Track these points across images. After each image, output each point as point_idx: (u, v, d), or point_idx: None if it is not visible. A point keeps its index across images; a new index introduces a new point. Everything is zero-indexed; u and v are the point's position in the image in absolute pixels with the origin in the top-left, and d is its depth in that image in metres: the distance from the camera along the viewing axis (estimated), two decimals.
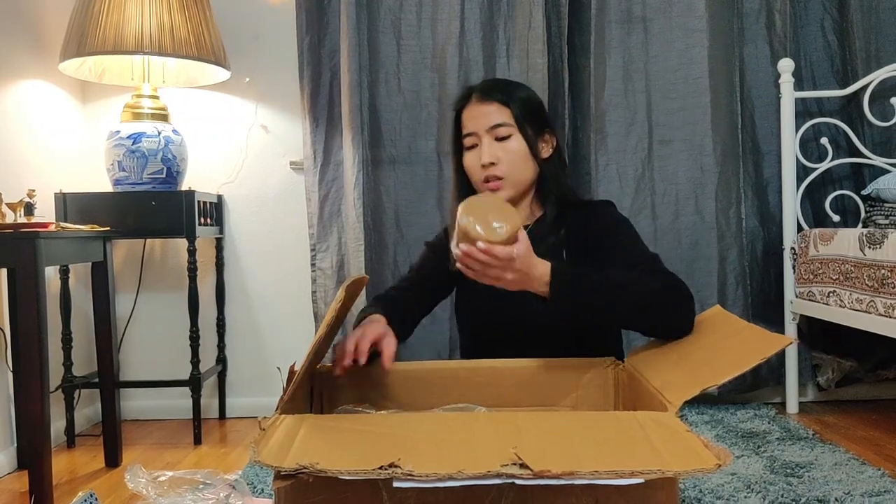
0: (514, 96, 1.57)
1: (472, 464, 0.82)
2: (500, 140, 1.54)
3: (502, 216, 1.22)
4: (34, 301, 1.91)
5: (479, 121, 1.55)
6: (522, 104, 1.56)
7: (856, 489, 1.89)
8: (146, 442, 2.61)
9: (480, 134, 1.55)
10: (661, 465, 0.83)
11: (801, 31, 2.85)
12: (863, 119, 2.73)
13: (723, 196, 2.76)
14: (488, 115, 1.54)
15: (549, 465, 0.81)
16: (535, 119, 1.58)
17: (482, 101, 1.56)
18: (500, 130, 1.53)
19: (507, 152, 1.54)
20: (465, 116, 1.59)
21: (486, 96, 1.56)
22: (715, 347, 1.25)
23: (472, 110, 1.57)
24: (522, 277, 1.25)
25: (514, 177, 1.55)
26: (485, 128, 1.54)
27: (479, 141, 1.55)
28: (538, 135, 1.58)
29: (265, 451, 0.89)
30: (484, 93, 1.57)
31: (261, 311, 2.95)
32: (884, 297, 2.15)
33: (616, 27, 2.79)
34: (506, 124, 1.54)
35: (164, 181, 2.57)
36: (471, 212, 1.21)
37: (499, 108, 1.54)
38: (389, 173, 2.82)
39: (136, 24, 2.40)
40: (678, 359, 1.26)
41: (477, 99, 1.57)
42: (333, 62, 2.81)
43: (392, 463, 0.82)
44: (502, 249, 1.19)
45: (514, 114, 1.54)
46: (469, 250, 1.19)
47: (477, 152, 1.55)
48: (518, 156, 1.54)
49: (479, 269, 1.22)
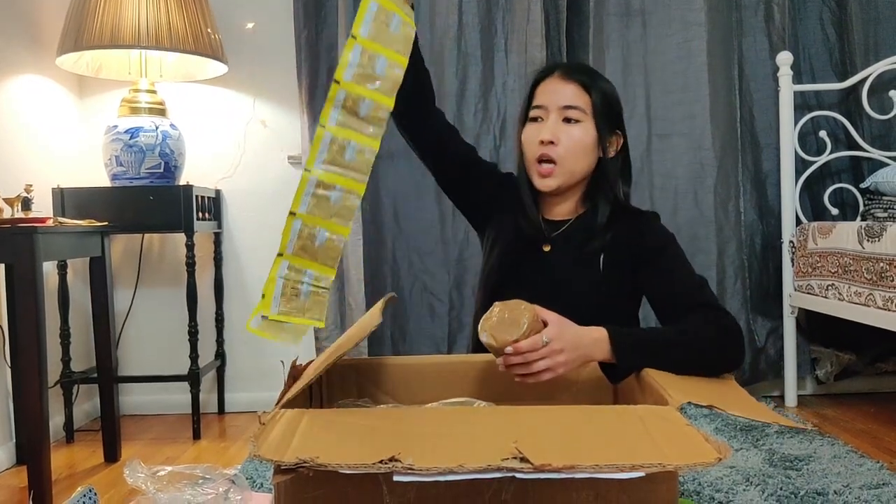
0: (597, 84, 1.49)
1: (473, 457, 0.82)
2: (568, 122, 1.46)
3: (516, 314, 1.21)
4: (32, 296, 1.90)
5: (553, 96, 1.47)
6: (603, 95, 1.48)
7: (854, 482, 1.89)
8: (145, 437, 2.61)
9: (550, 109, 1.46)
10: (662, 459, 0.82)
11: (800, 23, 2.85)
12: (861, 112, 2.73)
13: (721, 190, 2.76)
14: (564, 93, 1.46)
15: (550, 459, 0.81)
16: (609, 114, 1.50)
17: (563, 79, 1.47)
18: (572, 112, 1.45)
19: (571, 137, 1.45)
20: (541, 89, 1.50)
21: (569, 75, 1.47)
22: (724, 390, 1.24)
23: (549, 84, 1.49)
24: (577, 353, 1.22)
25: (568, 164, 1.47)
26: (557, 105, 1.46)
27: (546, 116, 1.47)
28: (609, 131, 1.50)
29: (265, 445, 0.89)
30: (567, 71, 1.48)
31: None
32: (882, 291, 2.15)
33: (615, 20, 2.79)
34: (579, 108, 1.45)
35: (162, 176, 2.56)
36: (485, 328, 1.22)
37: (578, 90, 1.46)
38: (388, 168, 2.81)
39: (133, 18, 2.39)
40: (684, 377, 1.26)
41: (559, 75, 1.48)
42: (331, 56, 2.80)
43: (393, 457, 0.82)
44: (527, 342, 1.18)
45: (593, 101, 1.46)
46: (505, 360, 1.19)
47: (539, 126, 1.47)
48: (580, 144, 1.46)
49: (526, 370, 1.20)
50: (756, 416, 1.05)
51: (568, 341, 1.21)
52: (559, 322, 1.22)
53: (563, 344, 1.20)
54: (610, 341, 1.25)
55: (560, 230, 1.55)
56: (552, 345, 1.19)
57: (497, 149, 2.78)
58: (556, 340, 1.19)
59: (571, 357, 1.22)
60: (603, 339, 1.25)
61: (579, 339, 1.23)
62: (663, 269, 1.47)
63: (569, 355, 1.21)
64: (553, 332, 1.19)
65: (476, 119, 2.78)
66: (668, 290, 1.45)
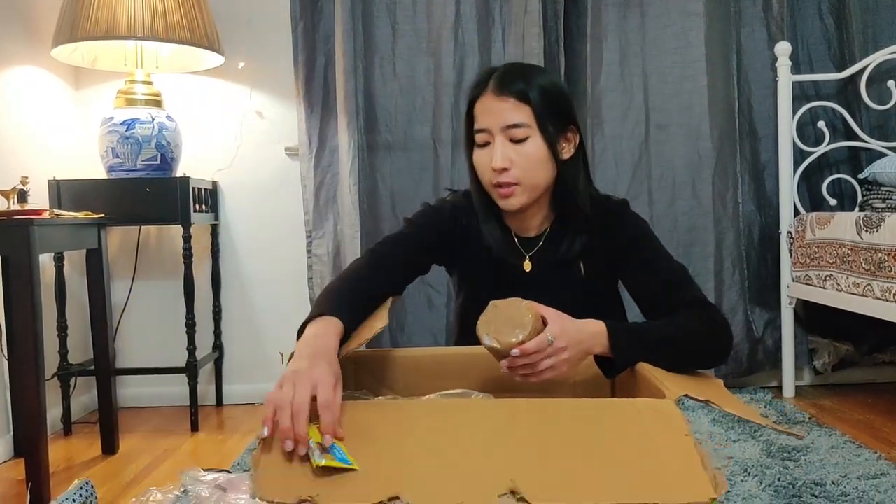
0: (534, 89, 1.38)
1: (471, 496, 0.82)
2: (516, 142, 1.38)
3: (517, 314, 1.18)
4: (29, 289, 1.90)
5: (493, 117, 1.39)
6: (544, 99, 1.39)
7: (852, 472, 1.89)
8: (143, 429, 2.61)
9: (494, 132, 1.39)
10: (657, 499, 0.83)
11: (799, 13, 2.84)
12: (860, 102, 2.73)
13: (720, 180, 2.75)
14: (503, 113, 1.38)
15: (546, 499, 0.81)
16: (557, 115, 1.41)
17: (498, 96, 1.38)
18: (517, 132, 1.38)
19: (522, 156, 1.38)
20: (479, 109, 1.42)
21: (503, 89, 1.38)
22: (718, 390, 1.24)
23: (486, 103, 1.40)
24: (579, 348, 1.21)
25: (528, 182, 1.40)
26: (499, 126, 1.38)
27: (492, 139, 1.39)
28: (560, 133, 1.43)
29: (265, 487, 0.89)
30: (501, 84, 1.39)
31: (257, 297, 2.94)
32: (880, 281, 2.14)
33: (613, 10, 2.77)
34: (523, 125, 1.38)
35: (159, 167, 2.56)
36: (487, 331, 1.18)
37: (516, 104, 1.38)
38: (385, 159, 2.81)
39: (128, 10, 2.38)
40: None
41: (493, 90, 1.39)
42: (328, 47, 2.79)
43: (391, 497, 0.82)
44: (533, 343, 1.16)
45: (535, 112, 1.38)
46: (510, 362, 1.17)
47: (489, 151, 1.40)
48: (534, 160, 1.39)
49: (532, 371, 1.18)
50: (748, 416, 1.06)
51: (571, 338, 1.19)
52: (559, 318, 1.20)
53: (566, 341, 1.18)
54: (608, 336, 1.24)
55: (537, 246, 1.52)
56: (557, 343, 1.17)
57: None
58: (560, 338, 1.17)
59: (574, 353, 1.20)
60: (602, 332, 1.24)
61: (580, 334, 1.22)
62: (640, 262, 1.45)
63: (571, 352, 1.20)
64: (556, 329, 1.17)
65: None
66: (647, 283, 1.43)
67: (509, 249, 1.51)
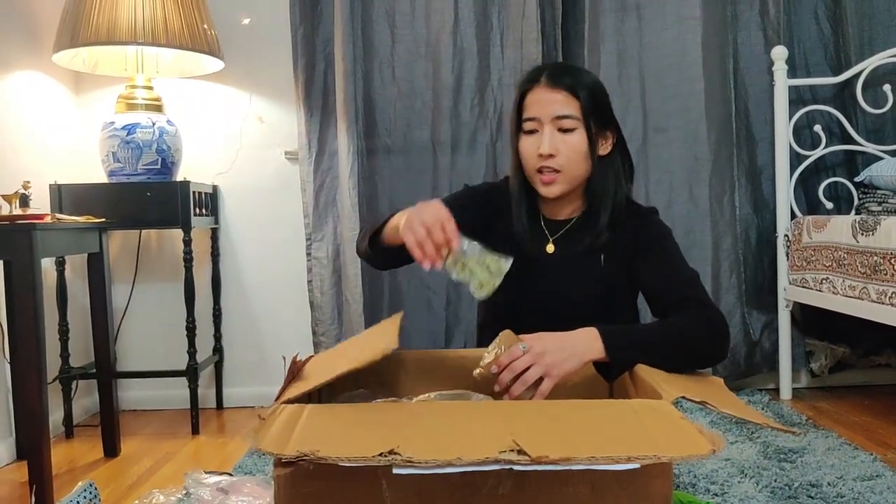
0: (583, 85, 1.48)
1: (471, 450, 0.84)
2: (563, 132, 1.47)
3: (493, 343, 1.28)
4: (30, 293, 1.91)
5: (544, 107, 1.47)
6: (591, 95, 1.48)
7: (848, 474, 1.91)
8: (144, 432, 2.62)
9: (543, 121, 1.47)
10: (657, 451, 0.84)
11: (795, 18, 2.86)
12: (856, 106, 2.75)
13: (717, 184, 2.77)
14: (554, 104, 1.46)
15: (547, 451, 0.82)
16: (600, 113, 1.51)
17: (550, 87, 1.47)
18: (565, 122, 1.46)
19: (568, 146, 1.47)
20: (530, 100, 1.49)
21: (555, 82, 1.47)
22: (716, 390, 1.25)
23: (538, 94, 1.49)
24: (565, 353, 1.24)
25: (570, 172, 1.49)
26: (549, 116, 1.46)
27: (541, 128, 1.48)
28: (601, 130, 1.51)
29: (265, 438, 0.90)
30: (553, 78, 1.48)
31: (257, 300, 2.95)
32: (876, 284, 2.16)
33: (610, 15, 2.79)
34: (571, 116, 1.46)
35: (159, 172, 2.57)
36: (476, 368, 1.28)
37: (566, 97, 1.46)
38: (384, 163, 2.83)
39: (129, 15, 2.39)
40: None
41: (545, 83, 1.48)
42: (327, 52, 2.81)
43: (392, 450, 0.83)
44: (506, 355, 1.23)
45: (582, 105, 1.46)
46: (498, 382, 1.23)
47: (536, 138, 1.48)
48: (578, 151, 1.47)
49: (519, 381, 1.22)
50: (747, 416, 1.07)
51: (549, 342, 1.24)
52: (536, 334, 1.26)
53: (543, 346, 1.23)
54: (602, 340, 1.27)
55: (563, 230, 1.57)
56: (533, 349, 1.22)
57: (494, 143, 2.80)
58: (535, 344, 1.22)
59: (560, 358, 1.23)
60: (594, 337, 1.28)
61: (563, 340, 1.26)
62: (655, 262, 1.50)
63: (555, 356, 1.23)
64: (530, 339, 1.23)
65: (472, 114, 2.79)
66: (659, 282, 1.48)
67: (535, 231, 1.57)
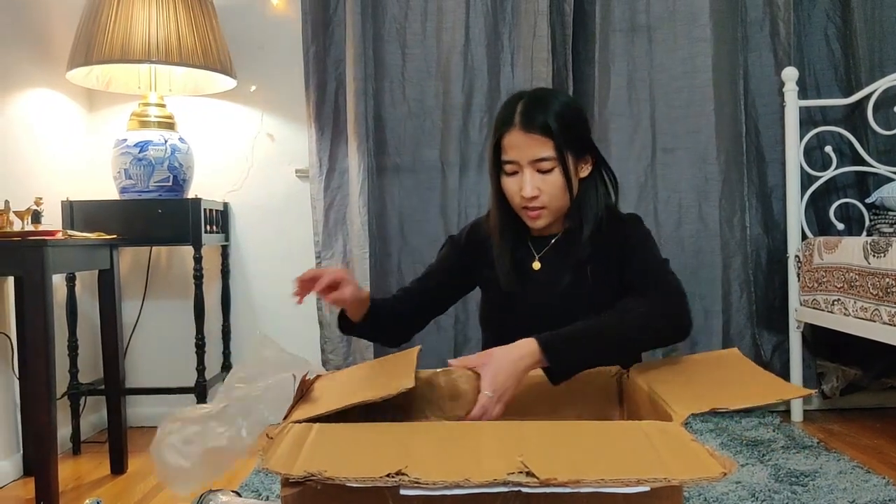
0: (556, 116, 1.51)
1: (479, 472, 0.83)
2: (542, 172, 1.52)
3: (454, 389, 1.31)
4: (41, 309, 1.92)
5: (521, 152, 1.52)
6: (564, 129, 1.51)
7: (860, 497, 1.89)
8: None
9: (522, 164, 1.52)
10: (667, 474, 0.83)
11: (805, 39, 2.86)
12: (867, 127, 2.74)
13: (727, 204, 2.77)
14: (530, 148, 1.51)
15: (555, 474, 0.82)
16: (574, 142, 1.54)
17: (524, 131, 1.51)
18: (543, 164, 1.51)
19: (549, 184, 1.52)
20: (507, 143, 1.54)
21: (529, 125, 1.51)
22: (727, 380, 1.25)
23: (514, 137, 1.53)
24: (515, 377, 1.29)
25: (554, 205, 1.54)
26: (527, 160, 1.51)
27: (521, 169, 1.53)
28: (579, 159, 1.56)
29: (273, 458, 0.90)
30: (526, 119, 1.52)
31: (266, 318, 2.96)
32: (888, 306, 2.15)
33: (620, 36, 2.80)
34: (547, 158, 1.51)
35: (171, 189, 2.59)
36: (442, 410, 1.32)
37: (541, 140, 1.50)
38: (394, 181, 2.84)
39: (143, 33, 2.42)
40: (686, 381, 1.26)
41: (520, 126, 1.52)
42: (339, 71, 2.82)
43: (399, 471, 0.83)
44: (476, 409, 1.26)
45: (556, 145, 1.50)
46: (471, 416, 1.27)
47: (517, 179, 1.54)
48: (559, 187, 1.53)
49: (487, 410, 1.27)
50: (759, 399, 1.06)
51: (502, 378, 1.28)
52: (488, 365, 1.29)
53: (501, 383, 1.28)
54: (540, 349, 1.31)
55: (547, 246, 1.61)
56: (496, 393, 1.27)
57: None
58: (495, 388, 1.27)
59: (512, 382, 1.29)
60: (532, 350, 1.31)
61: (511, 365, 1.30)
62: (635, 264, 1.54)
63: (509, 382, 1.28)
64: (487, 382, 1.27)
65: (482, 134, 2.80)
66: (627, 272, 1.52)
67: (522, 251, 1.62)
